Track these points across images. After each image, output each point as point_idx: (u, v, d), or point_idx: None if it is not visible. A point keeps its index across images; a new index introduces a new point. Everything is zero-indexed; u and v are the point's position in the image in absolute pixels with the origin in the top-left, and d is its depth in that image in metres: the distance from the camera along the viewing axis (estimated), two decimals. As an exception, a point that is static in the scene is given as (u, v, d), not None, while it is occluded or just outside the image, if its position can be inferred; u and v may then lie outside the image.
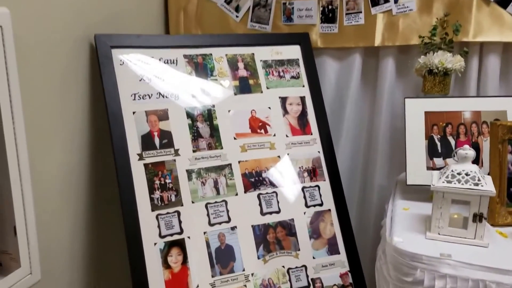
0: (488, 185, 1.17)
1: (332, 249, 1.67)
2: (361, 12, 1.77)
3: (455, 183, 1.16)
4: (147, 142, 1.50)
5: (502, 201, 1.33)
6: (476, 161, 1.51)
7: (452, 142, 1.54)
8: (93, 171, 1.57)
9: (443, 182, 1.18)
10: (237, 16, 1.87)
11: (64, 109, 1.42)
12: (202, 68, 1.64)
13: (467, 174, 1.17)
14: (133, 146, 1.48)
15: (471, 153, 1.20)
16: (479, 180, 1.16)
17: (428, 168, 1.52)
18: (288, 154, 1.69)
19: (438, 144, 1.54)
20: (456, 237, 1.19)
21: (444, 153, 1.53)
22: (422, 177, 1.50)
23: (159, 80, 1.56)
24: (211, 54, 1.66)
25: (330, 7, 1.80)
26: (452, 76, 1.65)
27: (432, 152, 1.54)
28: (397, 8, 1.73)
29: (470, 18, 1.66)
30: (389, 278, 1.19)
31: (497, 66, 1.72)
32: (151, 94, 1.54)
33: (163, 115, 1.54)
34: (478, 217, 1.16)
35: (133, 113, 1.50)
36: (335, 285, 1.64)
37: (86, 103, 1.52)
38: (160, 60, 1.58)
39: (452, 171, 1.19)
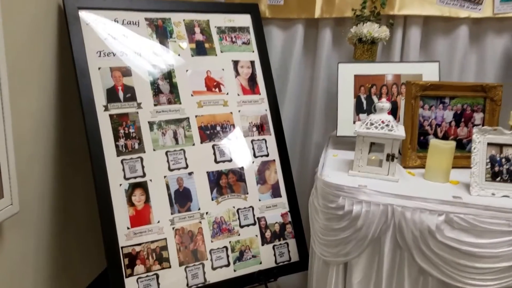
0: (399, 131, 1.33)
1: (275, 193, 1.81)
2: (303, -14, 1.87)
3: (373, 129, 1.32)
4: (112, 95, 1.55)
5: (413, 147, 1.50)
6: (394, 116, 1.69)
7: (376, 100, 1.69)
8: (62, 119, 1.62)
9: (364, 128, 1.33)
10: (193, -15, 1.92)
11: (33, 62, 1.45)
12: (162, 31, 1.69)
13: (383, 122, 1.32)
14: (99, 98, 1.53)
15: (387, 105, 1.35)
16: (392, 127, 1.32)
17: (355, 123, 1.67)
18: (239, 111, 1.79)
19: (364, 102, 1.70)
20: (372, 173, 1.35)
21: (368, 109, 1.68)
22: (349, 129, 1.65)
23: (122, 40, 1.60)
24: (170, 19, 1.71)
25: (277, -19, 1.88)
26: (379, 44, 1.79)
27: (358, 109, 1.69)
28: (334, -16, 1.84)
29: (396, -6, 1.79)
30: (318, 207, 1.34)
31: (418, 36, 1.87)
32: (115, 53, 1.58)
33: (126, 72, 1.59)
34: (390, 157, 1.32)
35: (99, 68, 1.54)
36: (276, 222, 1.78)
37: (54, 58, 1.55)
38: (123, 21, 1.61)
39: (370, 119, 1.34)
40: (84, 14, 1.55)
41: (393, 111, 1.70)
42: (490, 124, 1.46)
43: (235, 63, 1.82)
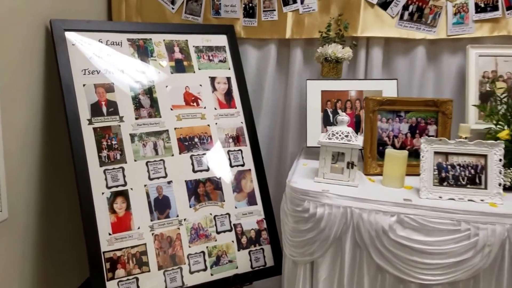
0: (358, 142, 1.45)
1: (251, 201, 1.90)
2: (275, 10, 2.01)
3: (334, 140, 1.44)
4: (95, 109, 1.65)
5: (373, 156, 1.63)
6: (358, 128, 1.83)
7: (342, 114, 1.83)
8: (48, 132, 1.71)
9: (326, 139, 1.46)
10: (173, 8, 2.05)
11: (22, 79, 1.54)
12: (144, 50, 1.80)
13: (343, 133, 1.45)
14: (84, 112, 1.62)
15: (346, 118, 1.48)
16: (351, 138, 1.45)
17: (323, 134, 1.80)
18: (216, 123, 1.89)
19: (331, 115, 1.83)
20: (335, 180, 1.47)
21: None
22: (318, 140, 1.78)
23: (106, 59, 1.71)
24: (151, 39, 1.83)
25: (250, 4, 2.03)
26: (343, 63, 1.93)
27: (326, 121, 1.83)
28: (303, 8, 1.99)
29: (359, 18, 1.94)
30: (288, 211, 1.45)
31: (380, 56, 2.01)
32: (99, 70, 1.69)
33: (110, 88, 1.69)
34: (350, 165, 1.45)
35: (83, 85, 1.65)
36: (252, 229, 1.88)
37: (41, 76, 1.65)
38: (107, 42, 1.73)
39: (332, 131, 1.47)
40: (70, 35, 1.66)
41: (357, 124, 1.84)
42: (442, 136, 1.60)
43: (212, 79, 1.93)
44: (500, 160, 1.33)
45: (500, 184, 1.33)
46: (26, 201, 1.60)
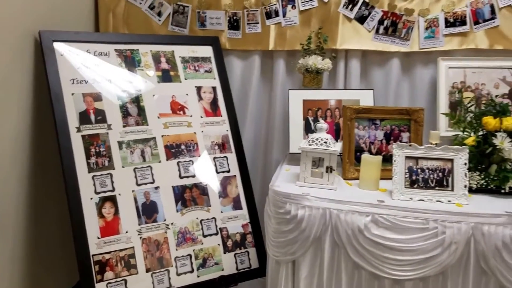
0: (335, 148, 1.56)
1: (236, 206, 1.98)
2: (258, 23, 2.12)
3: (314, 146, 1.55)
4: (84, 117, 1.72)
5: (351, 162, 1.74)
6: (338, 135, 1.94)
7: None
8: (37, 139, 1.77)
9: (306, 145, 1.56)
10: (159, 20, 2.14)
11: (11, 89, 1.60)
12: (131, 60, 1.88)
13: (322, 140, 1.56)
14: (72, 120, 1.69)
15: (325, 126, 1.59)
16: (329, 144, 1.55)
17: (304, 141, 1.90)
18: (202, 131, 1.97)
19: (312, 123, 1.94)
20: (315, 183, 1.57)
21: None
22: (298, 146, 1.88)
23: (94, 69, 1.78)
24: (138, 50, 1.91)
25: (235, 17, 2.13)
26: (323, 74, 2.05)
27: (307, 129, 1.93)
28: (285, 21, 2.11)
29: (337, 31, 2.06)
30: (271, 213, 1.54)
31: (358, 67, 2.13)
32: (87, 80, 1.76)
33: (98, 97, 1.77)
34: (329, 169, 1.55)
35: (72, 94, 1.71)
36: (238, 233, 1.95)
37: (31, 85, 1.71)
38: (95, 52, 1.80)
39: (312, 138, 1.57)
40: (58, 46, 1.73)
41: (337, 131, 1.95)
42: (415, 142, 1.71)
43: (198, 88, 2.02)
44: (466, 164, 1.45)
45: (465, 186, 1.45)
46: (15, 205, 1.65)
